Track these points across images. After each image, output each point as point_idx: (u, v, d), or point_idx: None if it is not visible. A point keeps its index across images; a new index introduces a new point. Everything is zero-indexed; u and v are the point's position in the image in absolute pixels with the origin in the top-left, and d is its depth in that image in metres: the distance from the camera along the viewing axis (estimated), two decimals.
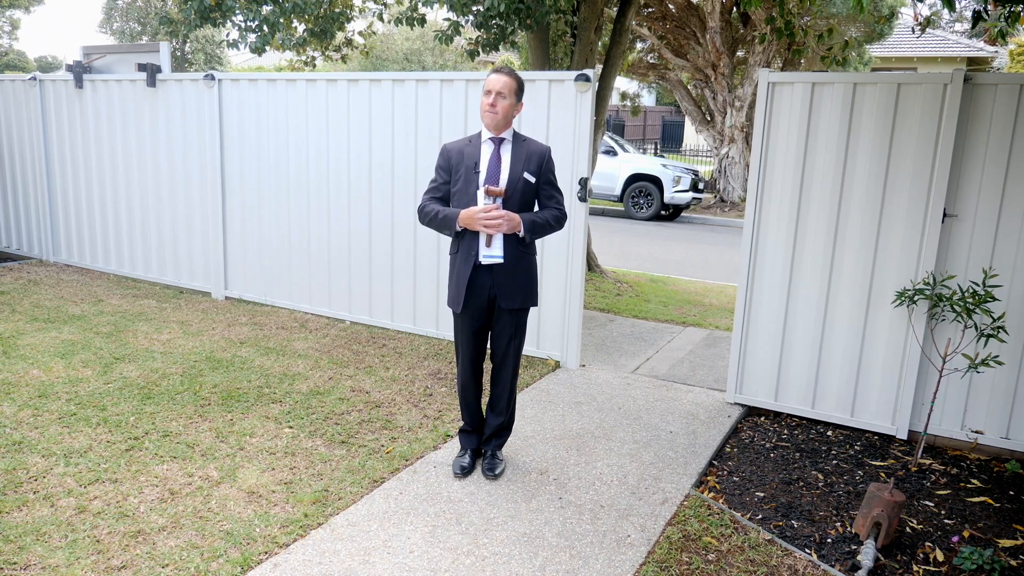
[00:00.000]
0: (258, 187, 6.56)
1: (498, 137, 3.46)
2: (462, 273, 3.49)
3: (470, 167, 3.43)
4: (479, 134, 3.51)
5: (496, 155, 3.44)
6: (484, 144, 3.46)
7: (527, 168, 3.45)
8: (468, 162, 3.44)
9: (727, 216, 15.64)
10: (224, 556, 2.94)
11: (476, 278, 3.47)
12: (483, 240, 3.40)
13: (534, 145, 3.52)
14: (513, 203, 3.42)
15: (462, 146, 3.52)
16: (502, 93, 3.37)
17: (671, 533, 3.26)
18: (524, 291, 3.55)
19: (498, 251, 3.40)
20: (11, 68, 31.28)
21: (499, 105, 3.37)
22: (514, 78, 3.39)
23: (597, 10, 7.35)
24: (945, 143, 4.06)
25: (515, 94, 3.42)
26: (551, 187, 3.56)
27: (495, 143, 3.46)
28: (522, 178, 3.43)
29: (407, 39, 25.80)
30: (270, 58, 24.68)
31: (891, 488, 3.23)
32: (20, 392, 4.50)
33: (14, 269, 7.82)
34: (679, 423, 4.48)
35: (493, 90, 3.36)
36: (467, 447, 3.79)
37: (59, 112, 7.75)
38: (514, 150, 3.46)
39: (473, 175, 3.41)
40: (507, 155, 3.45)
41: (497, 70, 3.43)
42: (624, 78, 18.84)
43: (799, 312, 4.55)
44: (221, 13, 7.23)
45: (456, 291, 3.52)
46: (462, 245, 3.49)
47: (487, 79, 3.41)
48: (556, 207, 3.56)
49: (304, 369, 5.10)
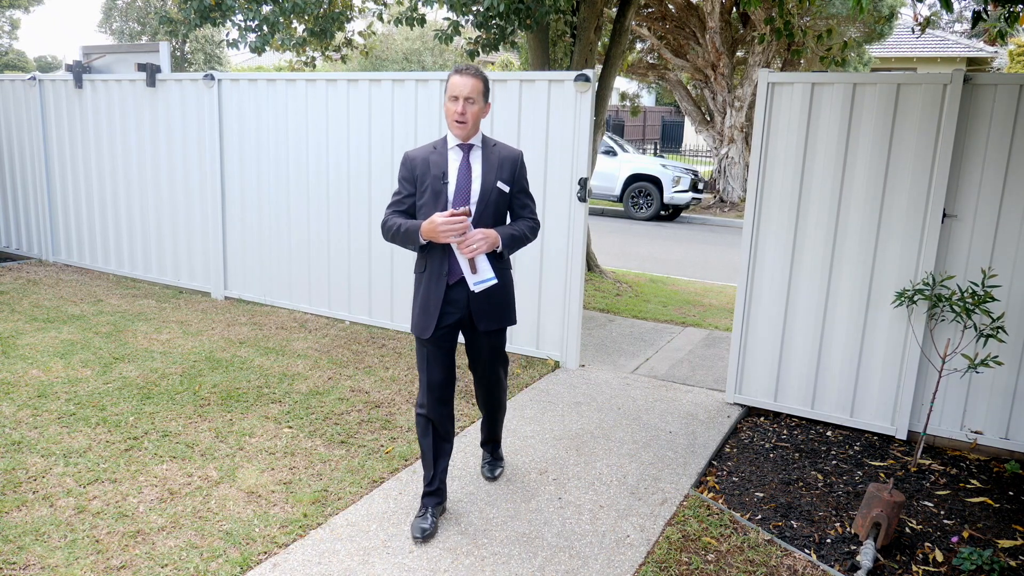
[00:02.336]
0: (258, 187, 6.56)
1: (467, 144, 3.14)
2: (432, 295, 3.14)
3: (437, 177, 3.10)
4: (444, 140, 3.18)
5: (466, 164, 3.12)
6: (451, 152, 3.14)
7: (500, 177, 3.15)
8: (435, 172, 3.11)
9: (727, 216, 15.64)
10: (223, 556, 2.94)
11: (448, 300, 3.14)
12: (465, 266, 3.05)
13: (505, 150, 3.21)
14: (487, 216, 3.12)
15: (427, 154, 3.17)
16: (471, 98, 3.04)
17: (670, 533, 3.26)
18: (502, 310, 3.25)
19: (489, 272, 3.06)
20: (11, 68, 31.28)
21: (469, 112, 3.04)
22: (480, 79, 3.06)
23: (597, 10, 7.35)
24: (945, 143, 4.06)
25: (483, 96, 3.10)
26: (524, 195, 3.28)
27: (464, 150, 3.14)
28: (495, 188, 3.13)
29: (407, 39, 25.79)
30: (270, 58, 24.69)
31: (890, 488, 3.23)
32: (19, 392, 4.50)
33: (13, 269, 7.82)
34: (678, 423, 4.48)
35: (461, 96, 3.02)
36: (428, 505, 3.23)
37: (59, 112, 7.75)
38: (485, 157, 3.15)
39: (441, 186, 3.09)
40: (478, 163, 3.14)
41: (461, 71, 3.06)
42: (624, 78, 18.84)
43: (799, 312, 4.55)
44: (221, 13, 7.23)
45: (424, 315, 3.15)
46: (431, 263, 3.14)
47: (451, 82, 3.05)
48: (530, 217, 3.28)
49: (304, 369, 5.10)
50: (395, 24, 7.49)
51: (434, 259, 3.12)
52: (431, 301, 3.14)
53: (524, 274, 5.49)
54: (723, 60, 15.12)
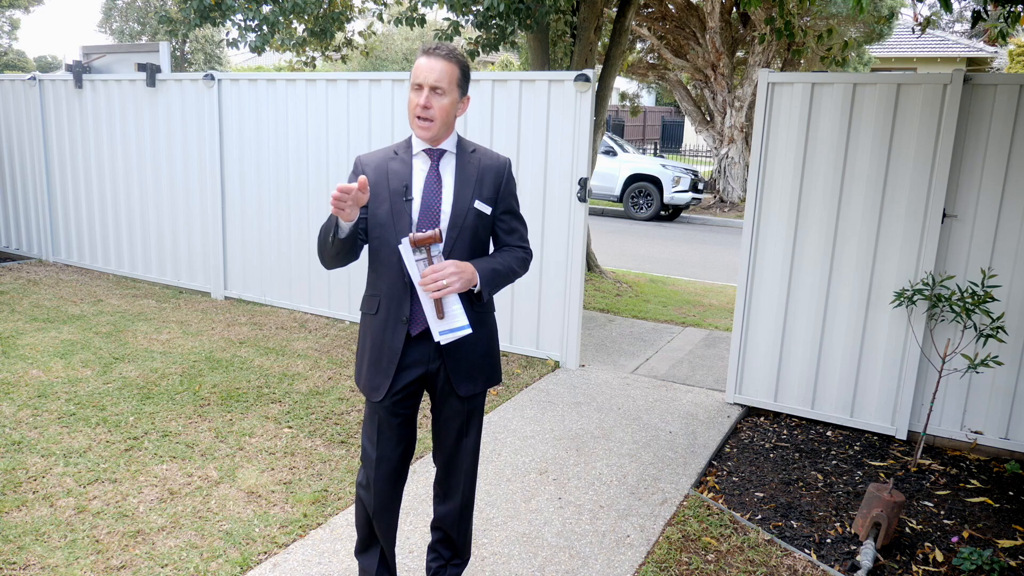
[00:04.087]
0: (258, 187, 6.56)
1: (437, 149, 2.39)
2: (387, 345, 2.38)
3: (398, 192, 2.34)
4: (407, 144, 2.43)
5: (434, 175, 2.37)
6: (417, 159, 2.39)
7: (479, 194, 2.39)
8: (395, 184, 2.35)
9: (727, 216, 15.64)
10: (223, 556, 2.94)
11: (409, 353, 2.38)
12: (429, 309, 2.29)
13: (487, 158, 2.45)
14: (462, 244, 2.36)
15: (385, 160, 2.41)
16: (439, 88, 2.27)
17: (670, 533, 3.26)
18: (485, 367, 2.49)
19: (461, 319, 2.31)
20: (11, 68, 31.28)
21: (435, 107, 2.28)
22: (456, 63, 2.30)
23: (597, 10, 7.36)
24: (945, 143, 4.06)
25: (458, 86, 2.33)
26: (512, 217, 2.49)
27: (433, 157, 2.39)
28: (472, 208, 2.37)
29: (407, 39, 25.80)
30: (270, 58, 24.70)
31: (890, 488, 3.23)
32: (19, 392, 4.50)
33: (14, 269, 7.82)
34: (678, 423, 4.48)
35: (426, 84, 2.26)
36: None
37: (59, 112, 7.75)
38: (459, 167, 2.40)
39: (403, 204, 2.33)
40: (450, 175, 2.39)
41: (430, 51, 2.29)
42: (624, 78, 18.84)
43: (799, 312, 4.55)
44: (221, 12, 7.23)
45: (374, 371, 2.40)
46: (386, 302, 2.38)
47: (416, 65, 2.31)
48: (519, 245, 2.50)
49: (304, 369, 5.10)
50: (395, 24, 7.49)
51: (391, 298, 2.37)
52: (384, 354, 2.38)
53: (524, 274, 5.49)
54: (723, 60, 15.12)
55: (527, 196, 5.38)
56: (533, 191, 5.36)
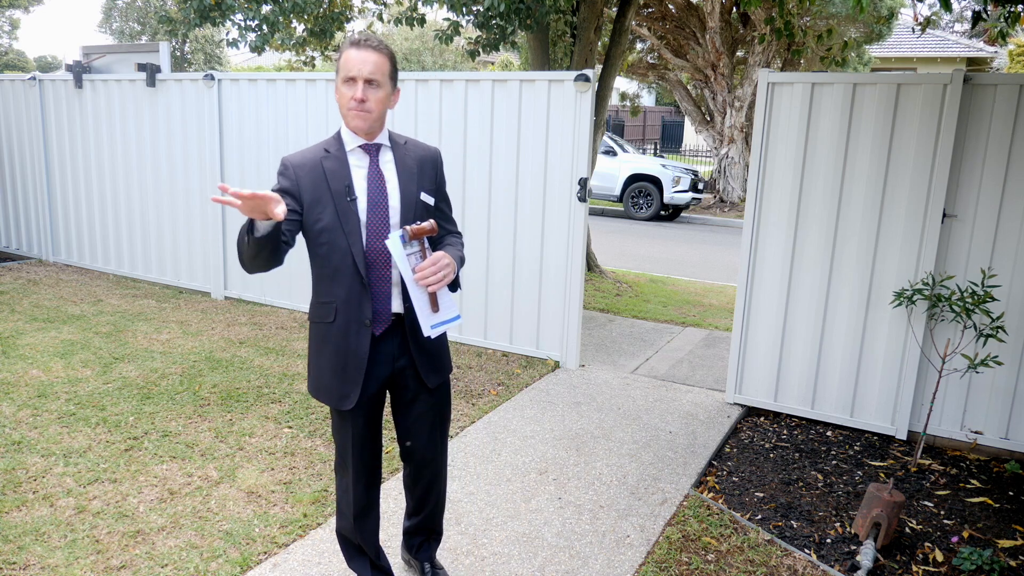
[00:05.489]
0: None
1: (372, 144, 2.35)
2: (352, 351, 2.33)
3: (340, 193, 2.28)
4: (338, 140, 2.36)
5: (375, 170, 2.34)
6: (352, 155, 2.34)
7: (423, 185, 2.39)
8: (334, 185, 2.28)
9: (727, 216, 15.64)
10: (223, 556, 2.94)
11: (375, 357, 2.37)
12: (423, 305, 2.26)
13: (420, 149, 2.46)
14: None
15: (317, 159, 2.32)
16: (373, 80, 2.24)
17: (670, 533, 3.26)
18: (444, 355, 2.53)
19: (455, 309, 2.34)
20: (11, 68, 31.28)
21: (372, 99, 2.24)
22: (385, 54, 2.27)
23: (597, 10, 7.36)
24: (945, 143, 4.06)
25: (391, 79, 2.30)
26: (446, 204, 2.55)
27: (369, 152, 2.35)
28: (419, 201, 2.37)
29: (407, 39, 25.79)
30: (270, 58, 24.70)
31: (890, 488, 3.23)
32: (19, 392, 4.50)
33: (13, 269, 7.82)
34: (678, 423, 4.48)
35: (360, 76, 2.22)
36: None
37: (59, 112, 7.75)
38: (399, 160, 2.38)
39: (347, 204, 2.28)
40: (391, 169, 2.37)
41: (358, 43, 2.24)
42: (624, 78, 18.84)
43: (799, 312, 4.55)
44: (220, 12, 7.23)
45: (341, 379, 2.35)
46: (344, 307, 2.32)
47: (345, 57, 2.24)
48: (456, 231, 2.57)
49: (304, 369, 5.10)
50: (395, 24, 7.50)
51: (349, 304, 2.32)
52: (350, 360, 2.33)
53: (524, 274, 5.49)
54: (723, 60, 15.12)
55: (527, 196, 5.39)
56: (533, 191, 5.36)
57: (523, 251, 5.46)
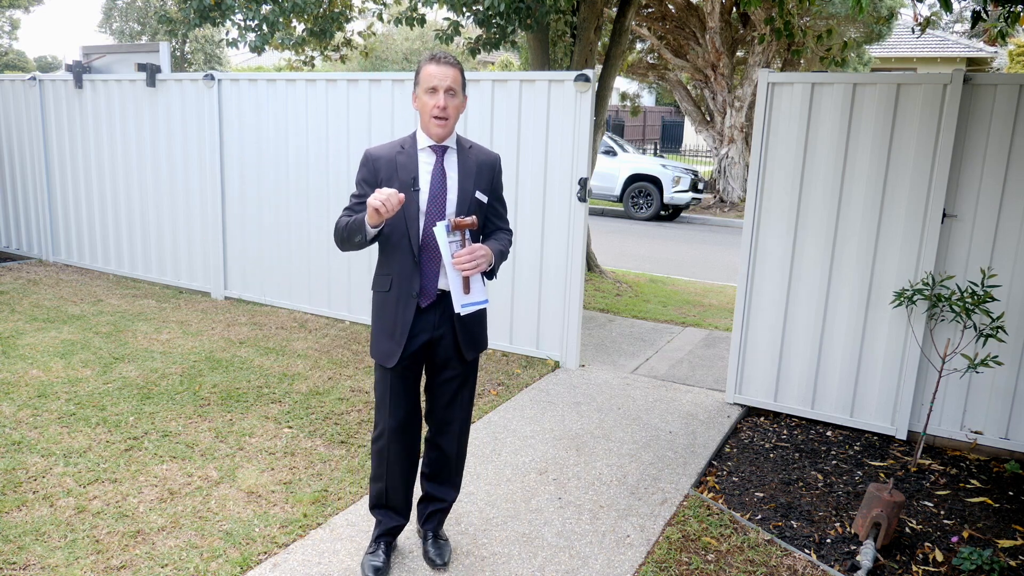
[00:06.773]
0: (258, 187, 6.56)
1: (440, 145, 2.73)
2: (400, 318, 2.73)
3: (406, 183, 2.67)
4: (412, 139, 2.76)
5: (439, 169, 2.71)
6: (422, 153, 2.72)
7: (479, 185, 2.77)
8: (403, 176, 2.68)
9: (727, 216, 15.64)
10: (223, 556, 2.94)
11: (417, 324, 2.74)
12: (456, 285, 2.63)
13: (482, 153, 2.84)
14: None
15: (393, 153, 2.73)
16: (453, 90, 2.64)
17: (670, 533, 3.26)
18: (483, 333, 2.91)
19: (484, 294, 2.71)
20: (11, 68, 31.28)
21: (451, 107, 2.64)
22: (459, 69, 2.69)
23: (597, 10, 7.36)
24: (945, 143, 4.06)
25: (464, 89, 2.73)
26: (501, 204, 2.93)
27: (437, 153, 2.72)
28: (474, 199, 2.75)
29: (407, 39, 25.80)
30: (270, 58, 24.69)
31: (890, 488, 3.23)
32: (20, 392, 4.50)
33: (14, 269, 7.82)
34: (678, 423, 4.48)
35: (441, 87, 2.61)
36: (382, 541, 2.95)
37: (59, 112, 7.75)
38: (461, 162, 2.75)
39: (412, 194, 2.67)
40: (453, 169, 2.74)
41: (438, 59, 2.65)
42: (624, 78, 18.84)
43: (799, 312, 4.55)
44: (220, 12, 7.23)
45: (391, 341, 2.75)
46: (398, 280, 2.74)
47: (426, 71, 2.64)
48: (506, 229, 2.94)
49: (303, 369, 5.10)
50: (395, 24, 7.50)
51: (402, 277, 2.72)
52: (398, 326, 2.74)
53: (524, 274, 5.49)
54: (723, 60, 15.12)
55: (527, 196, 5.39)
56: (533, 191, 5.36)
57: (523, 251, 5.46)
